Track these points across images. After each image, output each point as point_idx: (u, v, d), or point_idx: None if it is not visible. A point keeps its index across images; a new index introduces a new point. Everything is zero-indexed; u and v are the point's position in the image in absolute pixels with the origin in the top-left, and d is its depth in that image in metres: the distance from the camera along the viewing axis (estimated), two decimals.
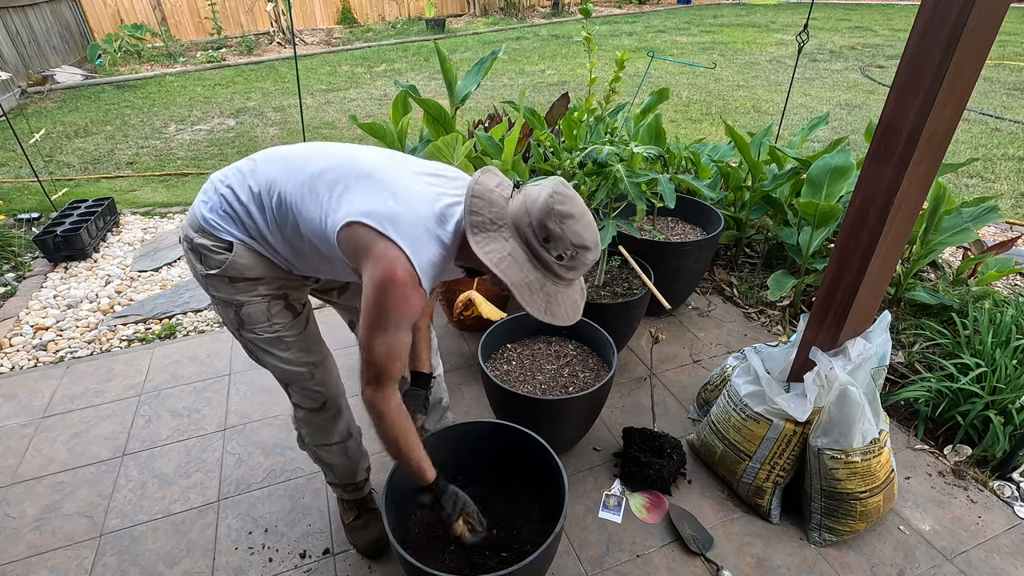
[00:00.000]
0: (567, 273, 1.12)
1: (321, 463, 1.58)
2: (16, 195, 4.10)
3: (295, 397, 1.46)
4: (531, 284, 1.11)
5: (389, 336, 1.13)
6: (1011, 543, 1.63)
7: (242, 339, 1.38)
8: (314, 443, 1.53)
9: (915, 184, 1.30)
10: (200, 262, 1.28)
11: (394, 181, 1.14)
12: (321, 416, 1.48)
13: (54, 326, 2.65)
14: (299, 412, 1.49)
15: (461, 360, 2.39)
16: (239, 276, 1.28)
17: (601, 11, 13.72)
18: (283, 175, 1.22)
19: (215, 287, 1.30)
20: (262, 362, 1.40)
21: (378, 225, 1.08)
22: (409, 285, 1.09)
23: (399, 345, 1.15)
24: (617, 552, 1.62)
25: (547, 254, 1.09)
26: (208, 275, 1.28)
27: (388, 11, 12.46)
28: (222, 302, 1.32)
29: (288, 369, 1.39)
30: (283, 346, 1.37)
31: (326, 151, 1.23)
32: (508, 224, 1.10)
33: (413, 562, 1.17)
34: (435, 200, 1.15)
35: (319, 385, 1.44)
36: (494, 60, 2.94)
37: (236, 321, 1.33)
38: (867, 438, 1.52)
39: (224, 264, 1.25)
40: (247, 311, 1.31)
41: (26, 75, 6.99)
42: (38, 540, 1.67)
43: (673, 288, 2.48)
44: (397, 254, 1.08)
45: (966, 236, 2.38)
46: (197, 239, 1.26)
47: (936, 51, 1.15)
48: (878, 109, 5.74)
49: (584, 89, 6.41)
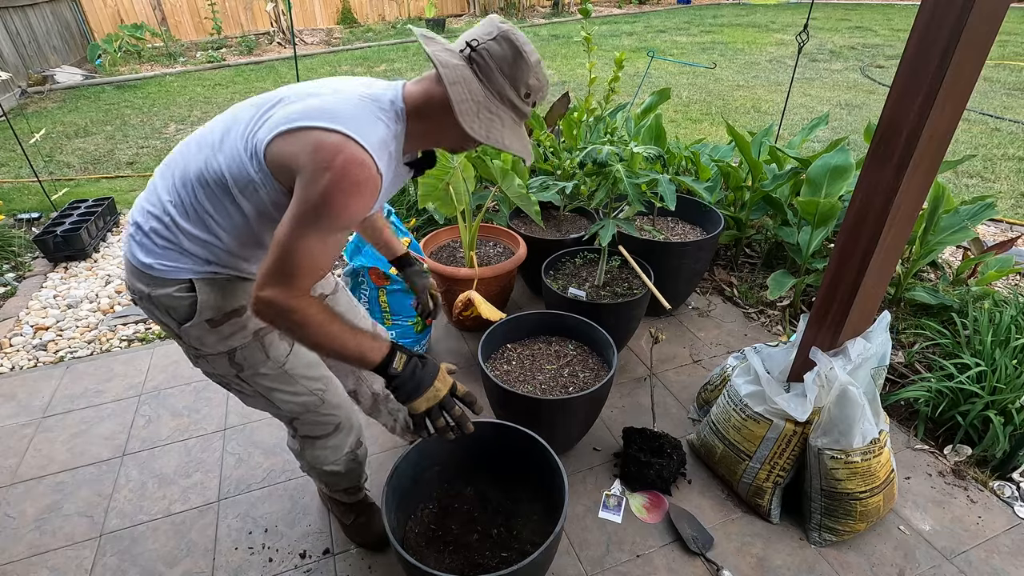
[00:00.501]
0: (527, 108, 1.09)
1: (326, 476, 1.48)
2: (16, 195, 4.10)
3: (304, 428, 1.36)
4: (489, 113, 1.05)
5: (325, 237, 0.97)
6: (1011, 543, 1.63)
7: (243, 385, 1.25)
8: (323, 464, 1.42)
9: (915, 184, 1.30)
10: (171, 316, 1.14)
11: (318, 90, 1.06)
12: (335, 437, 1.40)
13: (54, 326, 2.65)
14: (307, 442, 1.38)
15: (461, 360, 2.39)
16: (219, 316, 1.14)
17: (601, 11, 13.72)
18: (193, 153, 1.09)
19: (199, 340, 1.16)
20: (270, 401, 1.28)
21: (311, 121, 0.96)
22: (362, 167, 0.95)
23: (335, 249, 1.01)
24: (617, 552, 1.62)
25: (512, 92, 1.05)
26: (186, 329, 1.14)
27: (388, 11, 12.47)
28: (212, 356, 1.19)
29: (299, 400, 1.29)
30: (289, 379, 1.27)
31: (230, 111, 1.12)
32: (469, 72, 1.03)
33: (413, 562, 1.17)
34: (367, 87, 1.08)
35: (333, 409, 1.35)
36: None
37: (234, 368, 1.21)
38: (867, 438, 1.52)
39: (197, 308, 1.12)
40: (242, 354, 1.20)
41: (26, 75, 6.99)
42: (38, 540, 1.67)
43: (673, 288, 2.48)
44: (341, 139, 0.95)
45: (965, 235, 2.38)
46: (155, 291, 1.11)
47: (936, 51, 1.15)
48: (878, 109, 5.74)
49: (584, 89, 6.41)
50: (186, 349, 1.22)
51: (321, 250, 0.99)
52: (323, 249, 0.99)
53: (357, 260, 1.86)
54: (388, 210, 2.09)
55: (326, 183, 0.93)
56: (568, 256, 2.44)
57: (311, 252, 0.97)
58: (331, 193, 0.94)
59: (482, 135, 1.04)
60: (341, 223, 0.98)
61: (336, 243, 1.01)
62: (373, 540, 1.61)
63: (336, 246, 1.02)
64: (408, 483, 1.44)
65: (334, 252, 1.02)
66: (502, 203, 2.82)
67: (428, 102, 1.07)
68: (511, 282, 2.55)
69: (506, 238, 2.62)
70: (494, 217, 2.79)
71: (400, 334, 2.01)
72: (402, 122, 1.07)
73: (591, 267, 2.39)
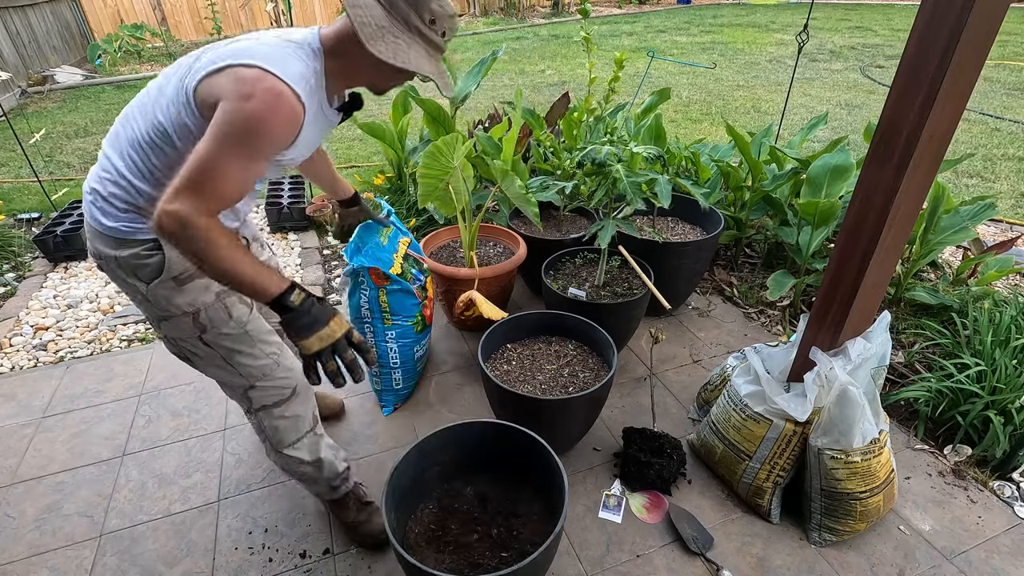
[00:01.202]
0: (436, 37, 1.15)
1: (303, 467, 1.50)
2: (16, 195, 4.10)
3: (259, 397, 1.39)
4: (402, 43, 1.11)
5: (245, 162, 1.01)
6: (1011, 543, 1.63)
7: (204, 349, 1.29)
8: (290, 441, 1.45)
9: (915, 184, 1.30)
10: (137, 278, 1.18)
11: (238, 39, 1.12)
12: (291, 405, 1.43)
13: (54, 326, 2.65)
14: (265, 414, 1.41)
15: (461, 360, 2.39)
16: (185, 273, 1.19)
17: (601, 11, 13.73)
18: (137, 119, 1.14)
19: (166, 300, 1.20)
20: (230, 366, 1.32)
21: (232, 60, 1.02)
22: (282, 96, 1.01)
23: (251, 176, 1.04)
24: (617, 552, 1.62)
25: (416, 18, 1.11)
26: (153, 288, 1.18)
27: None
28: (176, 316, 1.23)
29: (258, 364, 1.35)
30: (249, 341, 1.33)
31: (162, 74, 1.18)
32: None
33: (413, 562, 1.17)
34: (286, 33, 1.14)
35: (287, 372, 1.40)
36: (494, 60, 2.94)
37: (197, 328, 1.25)
38: (867, 438, 1.52)
39: (164, 265, 1.16)
40: (206, 315, 1.24)
41: (26, 75, 6.99)
42: (38, 540, 1.67)
43: (673, 288, 2.48)
44: (260, 71, 1.01)
45: (965, 235, 2.38)
46: (120, 253, 1.16)
47: (936, 51, 1.15)
48: (878, 109, 5.74)
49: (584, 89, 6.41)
50: (151, 313, 1.25)
51: (238, 174, 1.02)
52: (241, 174, 1.02)
53: (357, 260, 1.86)
54: (388, 210, 2.09)
55: (248, 108, 0.98)
56: (568, 256, 2.44)
57: (228, 173, 1.00)
58: (252, 117, 0.99)
59: (389, 56, 1.08)
60: (261, 147, 1.02)
61: (254, 171, 1.04)
62: (372, 539, 1.61)
63: (253, 174, 1.05)
64: (408, 483, 1.44)
65: (250, 180, 1.05)
66: (502, 203, 2.82)
67: (340, 38, 1.14)
68: (511, 282, 2.55)
69: (506, 238, 2.62)
70: (494, 217, 2.79)
71: (400, 334, 2.01)
72: (319, 60, 1.13)
73: (591, 267, 2.39)
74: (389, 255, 1.99)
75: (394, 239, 2.07)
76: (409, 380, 2.13)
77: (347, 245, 1.91)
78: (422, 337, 2.13)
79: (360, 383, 1.42)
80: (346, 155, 4.96)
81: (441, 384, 2.26)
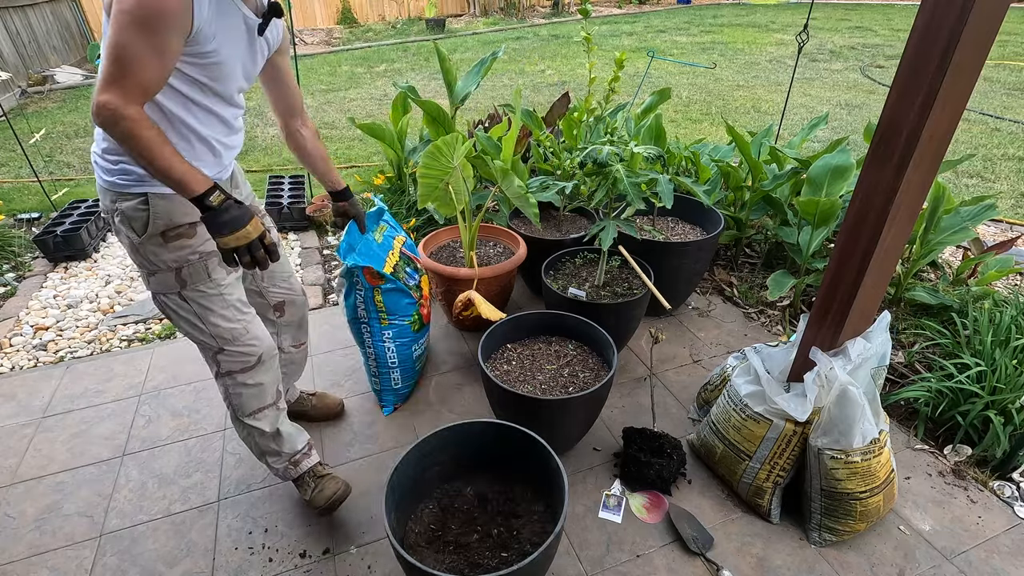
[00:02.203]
0: None
1: (264, 439, 1.59)
2: (16, 195, 4.10)
3: (227, 362, 1.48)
4: None
5: (154, 36, 1.06)
6: (1011, 543, 1.63)
7: (182, 305, 1.40)
8: (252, 409, 1.54)
9: (915, 184, 1.30)
10: (132, 230, 1.30)
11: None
12: (256, 372, 1.51)
13: (54, 326, 2.65)
14: (231, 380, 1.50)
15: (461, 360, 2.39)
16: (171, 228, 1.31)
17: (601, 11, 13.73)
18: None
19: (154, 255, 1.32)
20: (203, 322, 1.42)
21: None
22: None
23: (165, 52, 1.09)
24: (617, 552, 1.62)
25: None
26: (143, 241, 1.30)
27: (388, 11, 12.47)
28: (163, 271, 1.34)
29: (228, 327, 1.44)
30: (223, 303, 1.43)
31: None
32: None
33: (413, 562, 1.17)
34: None
35: (254, 339, 1.49)
36: (494, 60, 2.95)
37: (179, 283, 1.36)
38: (867, 438, 1.52)
39: (150, 217, 1.28)
40: (187, 271, 1.36)
41: (26, 75, 6.99)
42: (38, 540, 1.67)
43: (673, 288, 2.48)
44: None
45: (965, 235, 2.39)
46: (122, 204, 1.28)
47: (936, 51, 1.15)
48: (878, 109, 5.74)
49: (584, 89, 6.41)
50: (143, 267, 1.37)
51: (147, 57, 1.06)
52: (149, 55, 1.06)
53: (351, 259, 1.86)
54: (381, 208, 2.09)
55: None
56: (568, 256, 2.44)
57: (138, 57, 1.05)
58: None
59: None
60: (158, 25, 1.05)
61: (163, 52, 1.08)
62: (326, 502, 1.65)
63: (164, 56, 1.09)
64: (408, 483, 1.44)
65: (164, 63, 1.09)
66: (502, 203, 2.82)
67: None
68: (511, 282, 2.55)
69: (506, 238, 2.62)
70: (494, 217, 2.79)
71: (396, 334, 2.01)
72: None
73: (591, 267, 2.39)
74: (383, 254, 1.99)
75: (388, 238, 2.07)
76: (408, 380, 2.13)
77: (340, 244, 1.90)
78: (420, 336, 2.13)
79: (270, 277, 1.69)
80: (346, 155, 4.96)
81: (441, 384, 2.26)
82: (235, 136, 1.43)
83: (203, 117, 1.30)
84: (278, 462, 1.65)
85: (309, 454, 1.69)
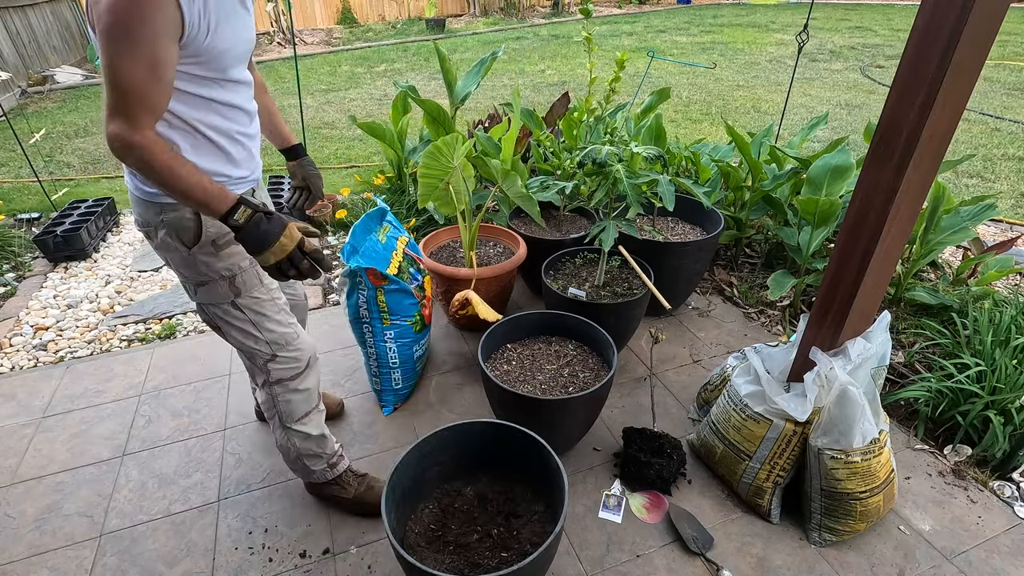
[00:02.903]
0: None
1: (308, 442, 1.56)
2: (16, 195, 4.10)
3: (278, 370, 1.44)
4: None
5: (136, 53, 0.97)
6: (1011, 543, 1.63)
7: (235, 314, 1.35)
8: (301, 414, 1.51)
9: (915, 184, 1.30)
10: (182, 242, 1.24)
11: None
12: (306, 377, 1.49)
13: (54, 326, 2.65)
14: (280, 387, 1.47)
15: (461, 360, 2.39)
16: (221, 238, 1.26)
17: (601, 11, 13.73)
18: None
19: (206, 265, 1.27)
20: (259, 329, 1.37)
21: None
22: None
23: (159, 65, 1.00)
24: (617, 552, 1.62)
25: None
26: (195, 252, 1.24)
27: (388, 11, 12.47)
28: (214, 280, 1.29)
29: (282, 331, 1.41)
30: (275, 307, 1.40)
31: None
32: None
33: (413, 562, 1.17)
34: None
35: (303, 344, 1.47)
36: (494, 60, 2.95)
37: (232, 292, 1.32)
38: (867, 438, 1.52)
39: (201, 226, 1.22)
40: (241, 279, 1.31)
41: (26, 75, 6.99)
42: (38, 540, 1.67)
43: (673, 288, 2.48)
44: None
45: (965, 235, 2.38)
46: (168, 215, 1.21)
47: (936, 51, 1.15)
48: (878, 109, 5.74)
49: (584, 89, 6.41)
50: (191, 278, 1.31)
51: (141, 73, 0.99)
52: (143, 72, 0.99)
53: (354, 261, 1.86)
54: (384, 208, 2.09)
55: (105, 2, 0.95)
56: (568, 256, 2.44)
57: (130, 75, 0.98)
58: (113, 8, 0.94)
59: None
60: (143, 34, 0.97)
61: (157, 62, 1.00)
62: (376, 507, 1.64)
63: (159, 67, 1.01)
64: (408, 483, 1.44)
65: (160, 76, 1.02)
66: (502, 203, 2.82)
67: None
68: (511, 282, 2.55)
69: (506, 238, 2.62)
70: (494, 217, 2.79)
71: (398, 334, 2.01)
72: None
73: (591, 267, 2.39)
74: (386, 255, 1.99)
75: (392, 239, 2.07)
76: (409, 380, 2.13)
77: (343, 246, 1.90)
78: (421, 337, 2.13)
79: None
80: (346, 155, 4.96)
81: (441, 384, 2.26)
82: (254, 122, 1.35)
83: (227, 112, 1.22)
84: (317, 464, 1.62)
85: (343, 456, 1.69)
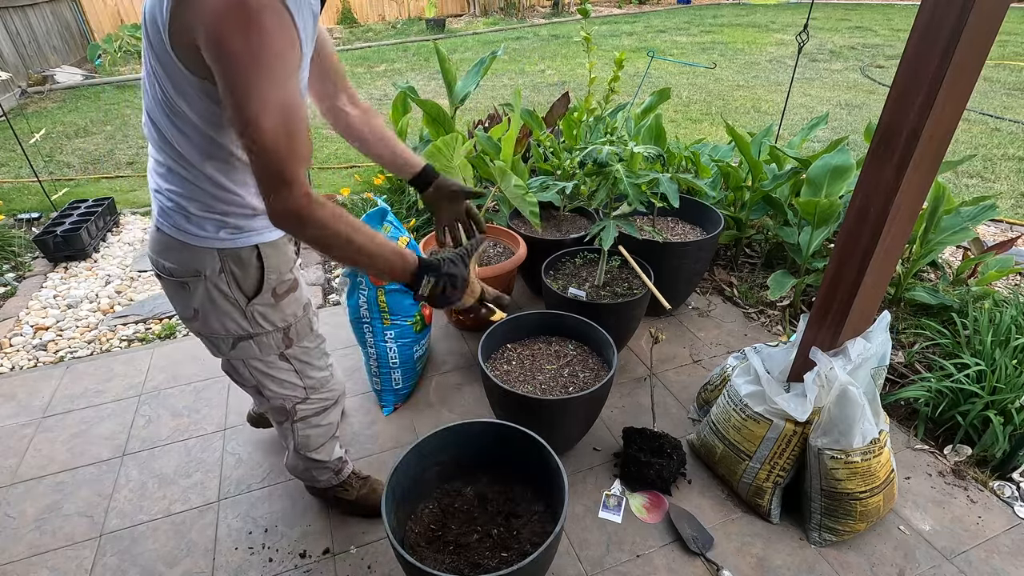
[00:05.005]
0: None
1: (316, 465, 1.55)
2: (16, 195, 4.10)
3: (305, 410, 1.37)
4: None
5: (276, 92, 0.80)
6: (1011, 543, 1.63)
7: (283, 363, 1.24)
8: (318, 445, 1.49)
9: (915, 184, 1.30)
10: (242, 292, 1.07)
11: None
12: (330, 412, 1.46)
13: (54, 326, 2.65)
14: (303, 423, 1.41)
15: (461, 360, 2.39)
16: (280, 286, 1.12)
17: (601, 11, 13.72)
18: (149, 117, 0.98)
19: (263, 316, 1.11)
20: (302, 376, 1.28)
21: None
22: (266, 4, 0.77)
23: (294, 105, 0.83)
24: (617, 552, 1.62)
25: None
26: (253, 304, 1.09)
27: (388, 11, 12.47)
28: (266, 333, 1.15)
29: (320, 376, 1.33)
30: (319, 352, 1.32)
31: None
32: None
33: (413, 562, 1.17)
34: None
35: (336, 384, 1.43)
36: (493, 60, 2.94)
37: (286, 342, 1.19)
38: (867, 438, 1.52)
39: (264, 274, 1.08)
40: (295, 329, 1.19)
41: (26, 75, 6.99)
42: (38, 540, 1.67)
43: (673, 288, 2.48)
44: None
45: (965, 235, 2.39)
46: (230, 263, 1.04)
47: (936, 51, 1.15)
48: (878, 109, 5.74)
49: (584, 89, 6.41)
50: (233, 333, 1.13)
51: (285, 102, 0.81)
52: (286, 97, 0.82)
53: None
54: (384, 208, 2.09)
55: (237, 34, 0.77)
56: (568, 256, 2.44)
57: (277, 110, 0.80)
58: (246, 38, 0.77)
59: None
60: (276, 66, 0.79)
61: (294, 93, 0.83)
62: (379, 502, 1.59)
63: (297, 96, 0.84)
64: (408, 483, 1.44)
65: (299, 104, 0.85)
66: (502, 203, 2.82)
67: None
68: (511, 282, 2.55)
69: (506, 238, 2.62)
70: (494, 217, 2.79)
71: (399, 334, 2.01)
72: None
73: (591, 267, 2.39)
74: None
75: (392, 239, 2.07)
76: (409, 380, 2.13)
77: None
78: (421, 337, 2.13)
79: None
80: (346, 155, 4.96)
81: (441, 384, 2.26)
82: None
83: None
84: (323, 474, 1.61)
85: (346, 459, 1.67)
